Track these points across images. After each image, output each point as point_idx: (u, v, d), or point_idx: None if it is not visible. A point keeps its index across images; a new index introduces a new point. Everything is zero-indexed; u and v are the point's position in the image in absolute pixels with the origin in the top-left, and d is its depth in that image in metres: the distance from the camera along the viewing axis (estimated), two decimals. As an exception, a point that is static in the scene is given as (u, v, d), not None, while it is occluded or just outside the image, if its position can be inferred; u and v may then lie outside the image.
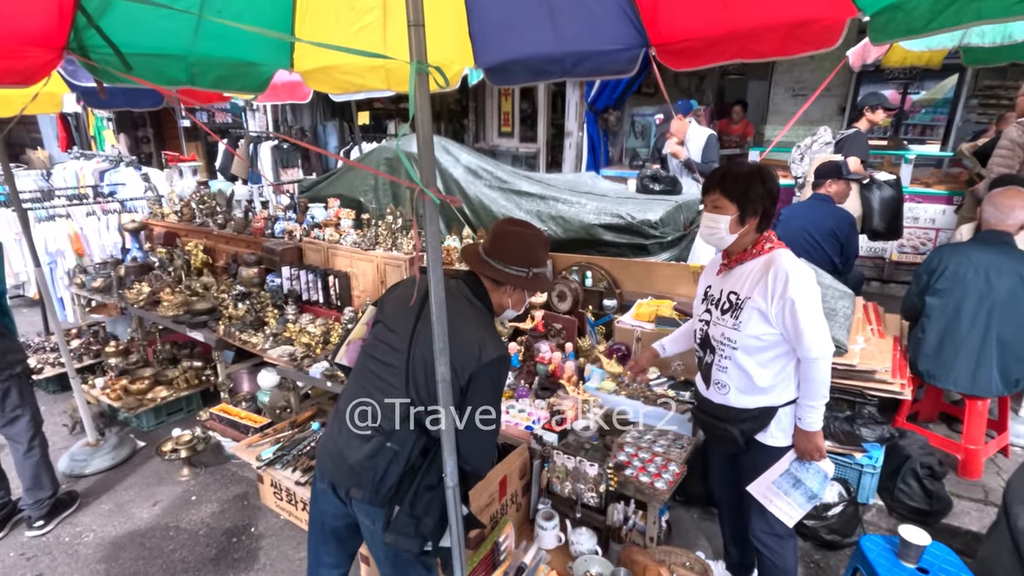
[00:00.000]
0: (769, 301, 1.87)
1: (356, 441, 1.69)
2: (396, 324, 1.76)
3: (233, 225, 4.80)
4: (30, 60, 1.85)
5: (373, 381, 1.73)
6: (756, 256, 1.95)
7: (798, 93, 7.84)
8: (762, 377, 1.95)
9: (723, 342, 2.01)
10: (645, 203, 3.83)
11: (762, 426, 2.01)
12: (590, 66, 2.56)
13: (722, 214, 1.92)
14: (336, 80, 2.62)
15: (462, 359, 1.61)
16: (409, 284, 1.83)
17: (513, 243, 1.82)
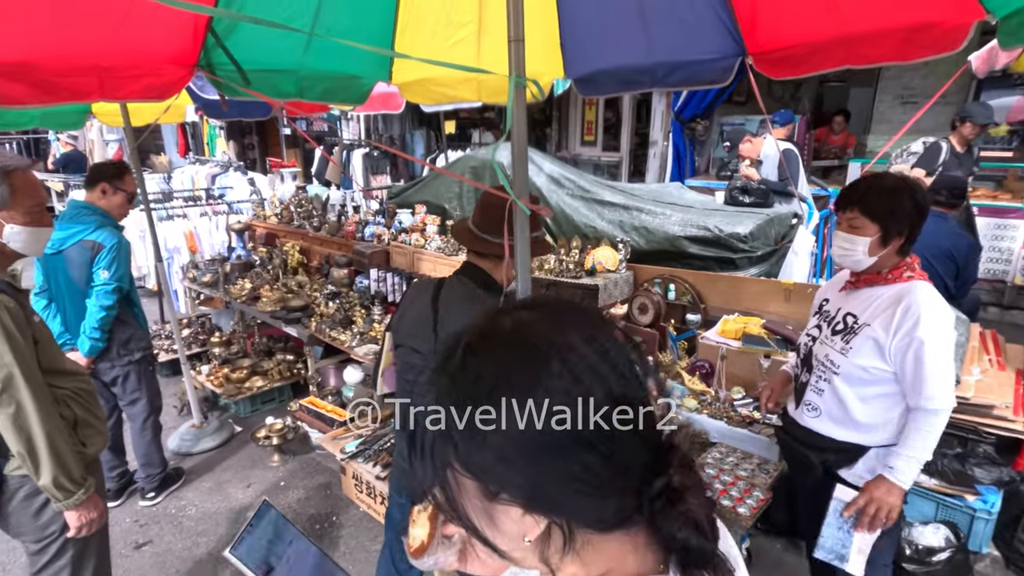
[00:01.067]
0: (890, 335, 1.68)
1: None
2: (417, 342, 1.79)
3: (327, 228, 5.08)
4: (167, 76, 2.06)
5: (414, 391, 1.76)
6: (890, 282, 1.75)
7: (908, 100, 7.27)
8: (860, 412, 1.78)
9: (825, 364, 1.85)
10: (734, 216, 3.70)
11: (849, 462, 1.83)
12: (682, 76, 2.52)
13: (860, 235, 1.71)
14: (430, 92, 2.73)
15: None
16: (413, 301, 1.85)
17: (503, 212, 1.73)
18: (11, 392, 1.55)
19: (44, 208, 1.72)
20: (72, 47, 1.79)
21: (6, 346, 1.53)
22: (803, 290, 2.95)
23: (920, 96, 7.09)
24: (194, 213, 6.20)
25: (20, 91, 1.68)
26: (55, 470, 1.63)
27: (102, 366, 3.01)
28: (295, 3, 2.17)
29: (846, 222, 1.76)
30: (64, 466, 1.65)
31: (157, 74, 2.03)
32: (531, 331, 0.58)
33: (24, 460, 1.60)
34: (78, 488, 1.70)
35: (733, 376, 2.76)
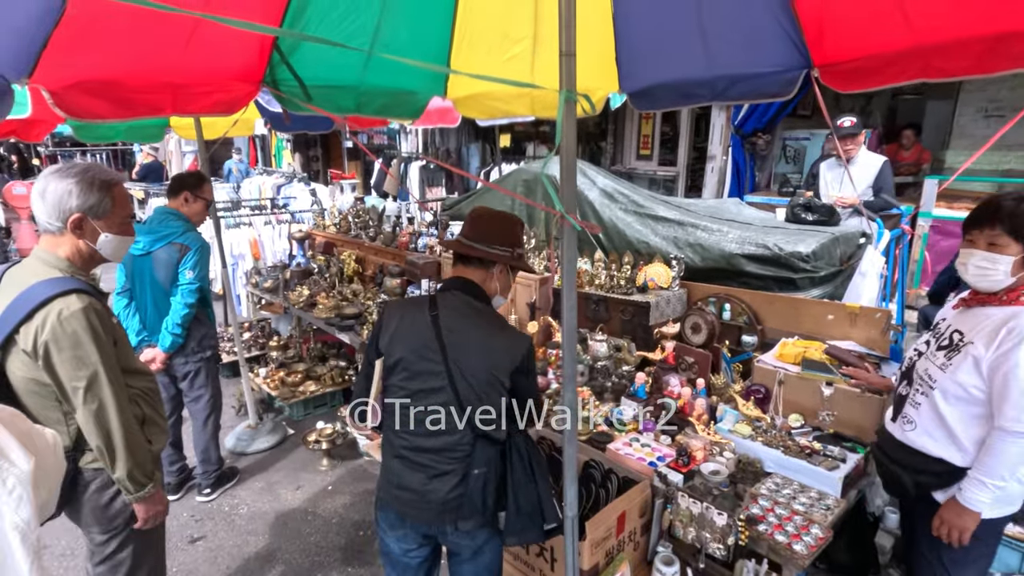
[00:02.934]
0: (989, 351, 1.64)
1: (436, 481, 1.72)
2: (421, 366, 1.71)
3: (382, 238, 5.21)
4: (235, 92, 2.17)
5: (424, 423, 1.71)
6: (1006, 304, 1.70)
7: (991, 114, 6.79)
8: (955, 428, 1.74)
9: (923, 378, 1.84)
10: (796, 234, 3.53)
11: (942, 485, 1.79)
12: (743, 89, 2.43)
13: (1003, 254, 1.67)
14: (484, 106, 2.75)
15: (502, 365, 1.68)
16: (402, 321, 1.76)
17: (493, 224, 1.81)
18: (95, 390, 1.65)
19: (132, 219, 1.85)
20: (148, 66, 1.91)
21: (93, 347, 1.63)
22: (870, 314, 2.78)
23: (1007, 109, 6.61)
24: (259, 221, 6.49)
25: (102, 107, 1.81)
26: (130, 464, 1.73)
27: (177, 361, 3.18)
28: (357, 21, 2.23)
29: (985, 240, 1.71)
30: (138, 460, 1.75)
31: (225, 90, 2.14)
32: None
33: (102, 454, 1.70)
34: (148, 482, 1.79)
35: (791, 403, 2.61)
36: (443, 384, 1.69)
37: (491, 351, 1.68)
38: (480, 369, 1.68)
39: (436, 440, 1.72)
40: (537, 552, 2.29)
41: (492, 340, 1.70)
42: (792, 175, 6.97)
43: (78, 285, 1.65)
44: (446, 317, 1.73)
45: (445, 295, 1.79)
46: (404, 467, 1.77)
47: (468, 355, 1.68)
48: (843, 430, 2.47)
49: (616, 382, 3.15)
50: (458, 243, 1.82)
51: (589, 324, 3.57)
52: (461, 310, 1.75)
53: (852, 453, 2.35)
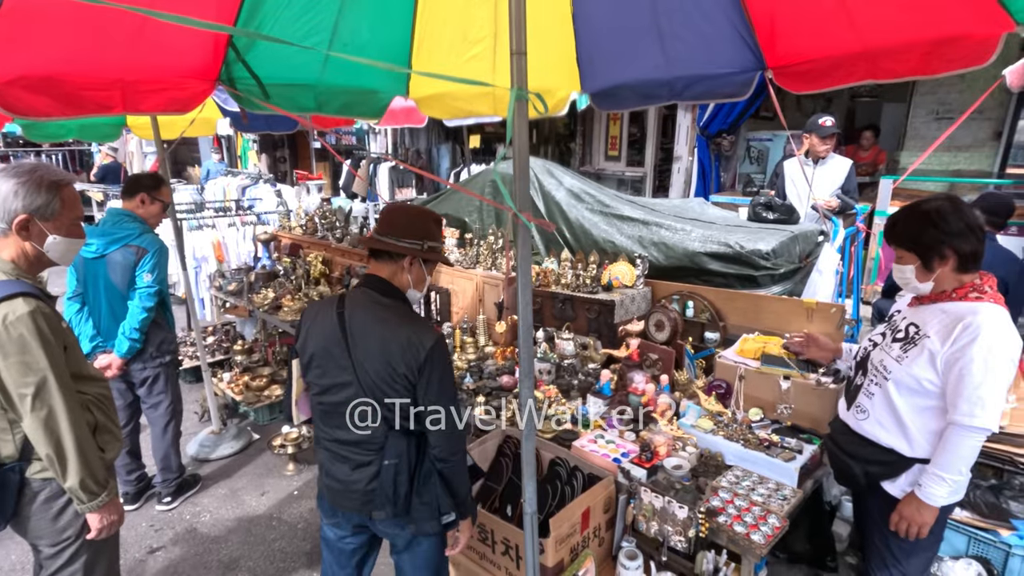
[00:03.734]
0: (945, 346, 1.70)
1: (357, 472, 1.79)
2: (330, 362, 1.76)
3: (349, 239, 5.15)
4: (189, 90, 2.12)
5: (340, 419, 1.77)
6: (955, 300, 1.78)
7: (943, 116, 7.05)
8: (907, 419, 1.80)
9: (879, 368, 1.90)
10: (756, 232, 3.61)
11: (891, 474, 1.86)
12: (701, 90, 2.49)
13: (905, 264, 1.81)
14: (447, 106, 2.75)
15: (405, 359, 1.67)
16: (315, 322, 1.81)
17: (403, 218, 1.82)
18: (44, 397, 1.59)
19: (81, 221, 1.79)
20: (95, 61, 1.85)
21: (42, 352, 1.57)
22: (826, 309, 2.86)
23: (956, 111, 6.88)
24: (222, 223, 6.35)
25: (46, 104, 1.74)
26: (82, 472, 1.67)
27: (134, 367, 3.10)
28: (314, 19, 2.21)
29: (894, 252, 1.87)
30: (90, 469, 1.69)
31: (179, 88, 2.09)
32: None
33: (52, 463, 1.65)
34: (102, 490, 1.74)
35: (751, 397, 2.67)
36: (351, 379, 1.73)
37: (391, 344, 1.69)
38: (381, 363, 1.70)
39: (352, 433, 1.77)
40: (503, 551, 2.30)
41: (393, 334, 1.70)
42: (756, 175, 7.13)
43: (24, 288, 1.59)
44: (352, 313, 1.76)
45: (354, 292, 1.82)
46: (331, 459, 1.83)
47: (369, 350, 1.71)
48: (800, 422, 2.54)
49: (583, 380, 3.17)
50: (368, 239, 1.85)
51: (556, 323, 3.59)
52: (366, 305, 1.76)
53: (808, 444, 2.41)
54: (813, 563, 2.78)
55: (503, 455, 2.75)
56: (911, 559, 1.92)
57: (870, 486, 1.92)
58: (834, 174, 4.55)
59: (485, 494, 2.70)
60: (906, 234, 1.79)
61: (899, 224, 1.81)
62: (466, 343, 3.79)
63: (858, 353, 2.09)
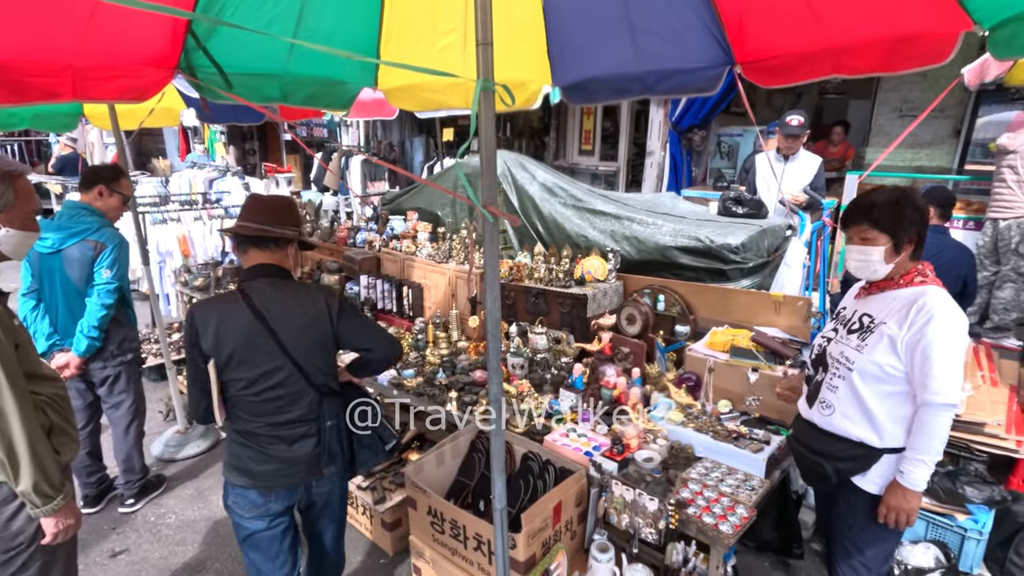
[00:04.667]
0: (903, 330, 1.75)
1: (296, 446, 1.92)
2: (254, 353, 1.83)
3: (319, 233, 5.06)
4: (146, 79, 2.04)
5: (274, 404, 1.87)
6: (903, 287, 1.84)
7: (906, 114, 7.25)
8: (874, 407, 1.83)
9: (840, 360, 1.92)
10: (726, 227, 3.65)
11: (862, 468, 1.88)
12: (672, 84, 2.50)
13: (873, 246, 1.82)
14: (418, 98, 2.70)
15: (323, 323, 1.90)
16: (221, 322, 1.83)
17: (276, 207, 1.94)
18: None
19: (37, 214, 1.72)
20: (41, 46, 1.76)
21: None
22: (793, 302, 2.91)
23: (918, 109, 7.07)
24: (188, 217, 6.18)
25: (-9, 91, 1.66)
26: (36, 475, 1.61)
27: (94, 366, 2.99)
28: (278, 5, 2.15)
29: (858, 235, 1.86)
30: (44, 472, 1.63)
31: (134, 75, 2.00)
32: None
33: (3, 466, 1.58)
34: (57, 494, 1.67)
35: (721, 389, 2.71)
36: (281, 362, 1.85)
37: (310, 311, 1.88)
38: (308, 334, 1.87)
39: (287, 413, 1.89)
40: (475, 546, 2.29)
41: (310, 302, 1.90)
42: (726, 170, 7.23)
43: None
44: (263, 302, 1.85)
45: (253, 284, 1.89)
46: (262, 447, 1.90)
47: (294, 326, 1.85)
48: (768, 414, 2.59)
49: (555, 374, 3.18)
50: (256, 228, 1.89)
51: (529, 317, 3.59)
52: (273, 291, 1.87)
53: (775, 436, 2.45)
54: (780, 551, 2.83)
55: (475, 451, 2.74)
56: (878, 548, 1.96)
57: (840, 483, 1.93)
58: (804, 170, 4.63)
59: (458, 490, 2.69)
60: (885, 215, 1.80)
61: (878, 207, 1.81)
62: (439, 338, 3.76)
63: (812, 351, 2.11)
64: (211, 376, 1.83)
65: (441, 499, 2.39)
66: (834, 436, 1.93)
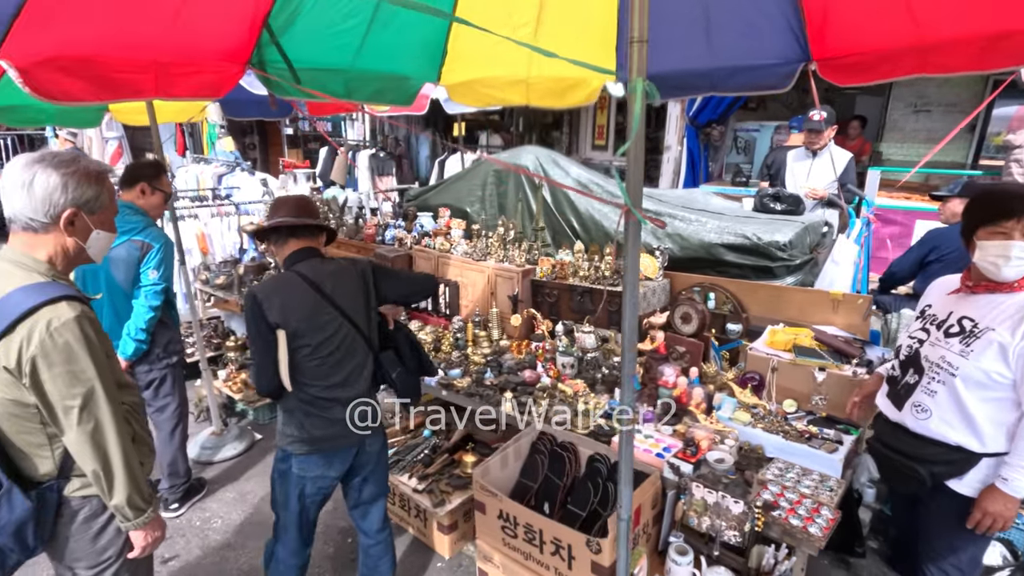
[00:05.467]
0: (1016, 337, 1.70)
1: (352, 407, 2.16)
2: (317, 323, 2.06)
3: (345, 231, 4.98)
4: (222, 74, 1.97)
5: (334, 363, 2.11)
6: (1016, 291, 1.77)
7: (920, 109, 7.28)
8: (977, 413, 1.78)
9: (940, 365, 1.86)
10: (770, 223, 3.63)
11: (959, 472, 1.84)
12: (741, 81, 2.46)
13: (1018, 240, 1.70)
14: (478, 93, 2.65)
15: (367, 286, 2.21)
16: (285, 297, 2.03)
17: (304, 203, 2.18)
18: (92, 409, 1.46)
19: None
20: (129, 42, 1.69)
21: (89, 360, 1.44)
22: (852, 301, 2.90)
23: (934, 105, 7.11)
24: (205, 214, 6.07)
25: (79, 87, 1.58)
26: (129, 488, 1.55)
27: (140, 369, 2.92)
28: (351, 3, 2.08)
29: (1018, 231, 1.71)
30: (137, 485, 1.58)
31: (211, 71, 1.93)
32: None
33: (99, 479, 1.52)
34: (148, 506, 1.62)
35: (785, 389, 2.69)
36: (340, 324, 2.10)
37: (357, 281, 2.18)
38: (360, 298, 2.18)
39: (344, 374, 2.14)
40: (552, 551, 2.26)
41: (353, 273, 2.20)
42: (744, 165, 7.22)
43: (67, 291, 1.45)
44: (316, 276, 2.09)
45: (306, 264, 2.12)
46: (323, 412, 2.12)
47: (348, 295, 2.14)
48: (835, 413, 2.57)
49: (607, 373, 3.15)
50: (296, 221, 2.13)
51: (574, 316, 3.56)
52: (325, 269, 2.13)
53: (846, 435, 2.44)
54: (841, 549, 2.83)
55: (537, 452, 2.71)
56: (970, 552, 1.95)
57: (934, 487, 1.90)
58: (832, 166, 4.61)
59: (521, 492, 2.66)
60: None
61: (1017, 198, 1.72)
62: (479, 337, 3.72)
63: (901, 351, 2.04)
64: (281, 345, 2.02)
65: (514, 503, 2.35)
66: (929, 440, 1.89)
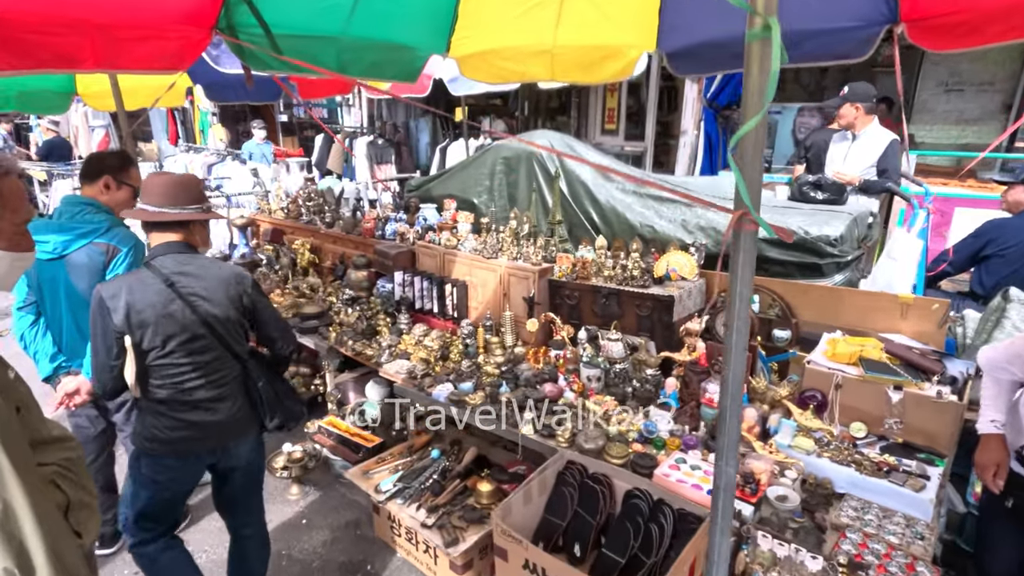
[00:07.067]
0: None
1: (223, 407, 2.04)
2: (171, 324, 1.90)
3: (342, 224, 4.59)
4: (181, 40, 1.58)
5: (190, 367, 1.96)
6: None
7: (952, 88, 6.84)
8: None
9: None
10: (814, 215, 3.25)
11: None
12: (810, 48, 2.07)
13: None
14: (494, 67, 2.25)
15: (235, 289, 2.02)
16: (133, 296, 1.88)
17: (177, 188, 1.96)
18: None
19: (26, 226, 1.23)
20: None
21: None
22: (925, 305, 2.52)
23: (967, 84, 6.67)
24: (191, 206, 5.67)
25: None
26: None
27: None
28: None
29: None
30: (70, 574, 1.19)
31: (166, 36, 1.54)
32: None
33: None
34: None
35: (850, 409, 2.33)
36: (203, 331, 1.95)
37: (226, 284, 2.00)
38: (223, 300, 1.98)
39: (206, 377, 1.99)
40: (590, 612, 1.91)
41: (222, 272, 2.02)
42: (766, 149, 6.81)
43: None
44: (175, 275, 1.92)
45: (164, 260, 1.95)
46: (178, 413, 1.98)
47: (211, 297, 1.96)
48: (913, 439, 2.21)
49: (638, 387, 2.79)
50: (155, 213, 1.94)
51: (597, 320, 3.18)
52: (189, 266, 1.96)
53: (931, 466, 2.09)
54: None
55: (565, 484, 2.35)
56: None
57: None
58: (871, 150, 4.20)
59: (547, 531, 2.30)
60: None
61: None
62: (491, 343, 3.34)
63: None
64: (127, 347, 1.90)
65: (542, 552, 2.00)
66: None
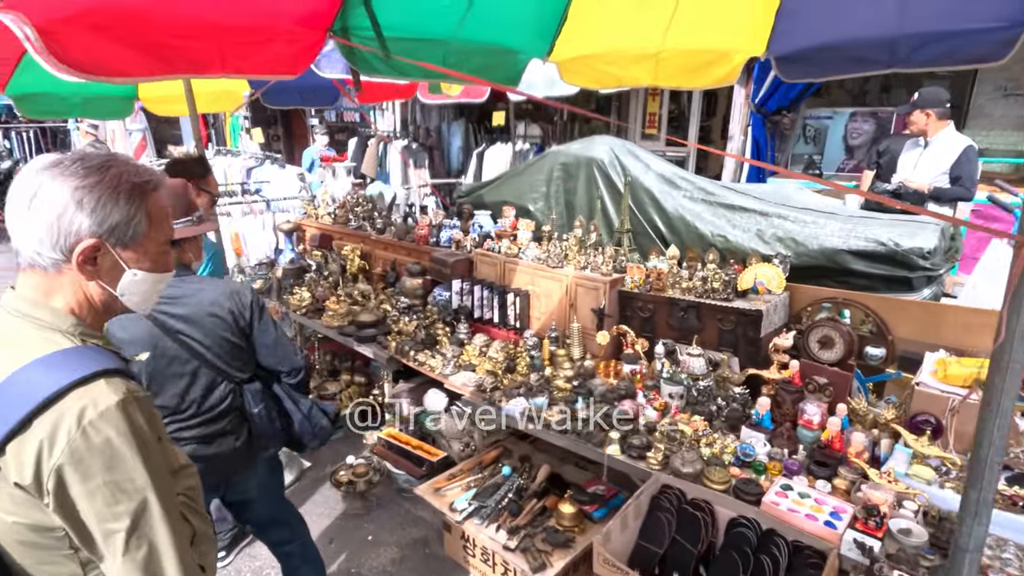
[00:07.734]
0: None
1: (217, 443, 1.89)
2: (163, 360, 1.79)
3: (393, 231, 4.53)
4: (299, 43, 1.50)
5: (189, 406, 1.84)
6: None
7: (1011, 93, 6.61)
8: None
9: None
10: (904, 226, 3.09)
11: None
12: (936, 52, 1.92)
13: None
14: (595, 71, 2.15)
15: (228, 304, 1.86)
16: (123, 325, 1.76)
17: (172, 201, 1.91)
18: (143, 529, 0.97)
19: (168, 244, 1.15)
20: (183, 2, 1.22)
21: (139, 462, 0.95)
22: (1043, 325, 2.36)
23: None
24: (236, 211, 5.65)
25: (122, 57, 1.11)
26: None
27: None
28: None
29: None
30: None
31: (287, 39, 1.47)
32: None
33: None
34: None
35: (965, 436, 2.19)
36: (197, 363, 1.81)
37: (217, 305, 1.84)
38: (213, 326, 1.83)
39: (200, 409, 1.85)
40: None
41: (215, 291, 1.86)
42: (814, 156, 6.63)
43: (104, 363, 0.98)
44: (162, 306, 1.78)
45: None
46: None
47: (198, 321, 1.81)
48: (1044, 469, 2.06)
49: (723, 406, 2.66)
50: None
51: (672, 334, 3.06)
52: (173, 290, 1.79)
53: (1068, 501, 1.94)
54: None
55: (660, 509, 2.24)
56: None
57: None
58: (943, 156, 4.02)
59: (643, 558, 2.19)
60: None
61: None
62: (557, 356, 3.24)
63: None
64: None
65: (651, 585, 1.88)
66: None
